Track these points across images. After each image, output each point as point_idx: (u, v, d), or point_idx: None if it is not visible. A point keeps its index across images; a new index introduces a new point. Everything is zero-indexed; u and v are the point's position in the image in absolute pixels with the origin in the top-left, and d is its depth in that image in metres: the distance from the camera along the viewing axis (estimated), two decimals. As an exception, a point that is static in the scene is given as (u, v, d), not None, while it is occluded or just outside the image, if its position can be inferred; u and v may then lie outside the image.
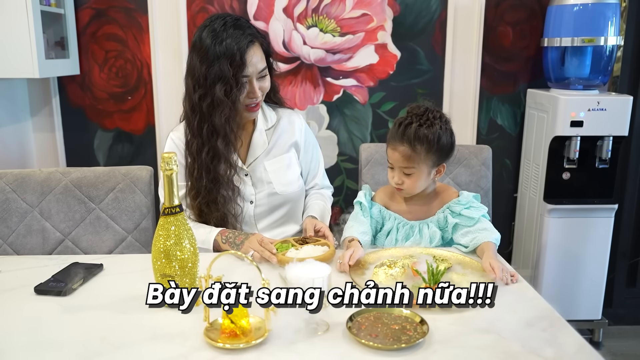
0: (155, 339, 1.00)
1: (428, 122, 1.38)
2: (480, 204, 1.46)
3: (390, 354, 0.94)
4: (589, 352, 0.95)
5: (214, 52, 1.41)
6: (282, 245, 1.41)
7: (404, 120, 1.40)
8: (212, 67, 1.41)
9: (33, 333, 1.03)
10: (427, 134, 1.36)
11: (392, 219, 1.50)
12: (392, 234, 1.49)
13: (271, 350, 0.95)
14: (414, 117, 1.39)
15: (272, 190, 1.59)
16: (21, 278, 1.28)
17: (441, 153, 1.40)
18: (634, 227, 2.52)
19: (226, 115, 1.44)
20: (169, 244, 1.09)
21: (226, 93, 1.42)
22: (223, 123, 1.44)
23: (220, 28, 1.43)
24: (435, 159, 1.40)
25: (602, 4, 2.09)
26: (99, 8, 2.28)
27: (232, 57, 1.41)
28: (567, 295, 2.26)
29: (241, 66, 1.42)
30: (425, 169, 1.40)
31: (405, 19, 2.31)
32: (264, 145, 1.60)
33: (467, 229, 1.41)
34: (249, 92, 1.48)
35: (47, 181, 1.63)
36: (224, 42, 1.41)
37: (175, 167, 1.08)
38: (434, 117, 1.39)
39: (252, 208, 1.59)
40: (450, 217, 1.44)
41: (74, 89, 2.36)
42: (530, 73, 2.40)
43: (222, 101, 1.42)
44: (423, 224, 1.48)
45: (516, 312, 1.09)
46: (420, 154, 1.38)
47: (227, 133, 1.46)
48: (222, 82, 1.41)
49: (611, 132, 2.11)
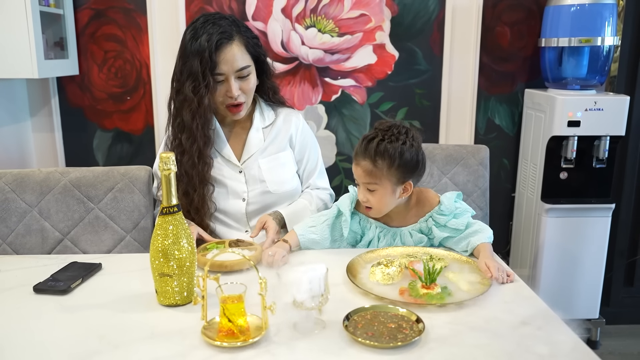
0: (154, 337, 1.00)
1: (392, 137, 1.33)
2: (463, 205, 1.42)
3: (386, 352, 0.94)
4: (583, 350, 0.96)
5: (189, 49, 1.44)
6: (215, 244, 1.42)
7: (368, 135, 1.37)
8: (185, 63, 1.45)
9: (32, 332, 1.04)
10: (388, 148, 1.32)
11: (373, 228, 1.45)
12: (374, 244, 1.45)
13: (268, 349, 0.96)
14: (379, 132, 1.35)
15: (265, 189, 1.59)
16: (20, 277, 1.28)
17: (405, 169, 1.34)
18: (631, 226, 2.53)
19: (193, 111, 1.46)
20: (167, 243, 1.09)
21: (194, 90, 1.44)
22: (189, 119, 1.47)
23: (200, 25, 1.45)
24: (399, 175, 1.34)
25: (599, 4, 2.10)
26: (98, 8, 2.29)
27: (201, 55, 1.42)
28: (565, 294, 2.26)
29: (210, 64, 1.43)
30: (389, 185, 1.35)
31: (403, 19, 2.31)
32: (259, 143, 1.60)
33: (458, 237, 1.39)
34: (226, 90, 1.48)
35: (46, 181, 1.63)
36: (199, 39, 1.43)
37: (173, 167, 1.09)
38: (399, 132, 1.34)
39: (244, 205, 1.59)
40: (436, 229, 1.40)
41: (73, 89, 2.37)
42: (528, 73, 2.41)
43: (189, 97, 1.44)
44: (404, 231, 1.44)
45: (512, 311, 1.09)
46: (382, 169, 1.33)
47: (193, 130, 1.48)
48: (191, 78, 1.44)
49: (608, 131, 2.12)
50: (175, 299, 1.12)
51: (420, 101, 2.40)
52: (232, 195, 1.58)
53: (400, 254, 1.35)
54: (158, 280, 1.12)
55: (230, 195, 1.58)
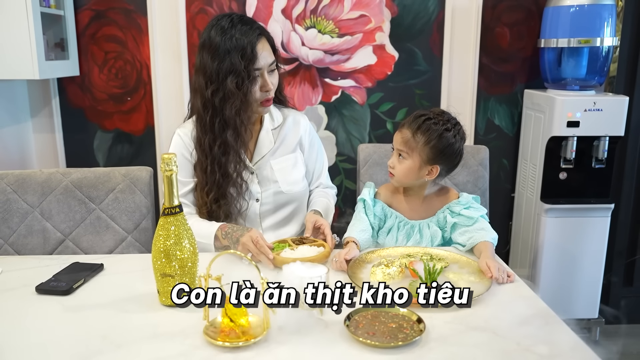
0: (156, 337, 1.01)
1: (440, 121, 1.42)
2: (479, 206, 1.48)
3: (387, 351, 0.95)
4: (583, 349, 0.96)
5: (225, 48, 1.45)
6: (279, 245, 1.42)
7: (420, 112, 1.45)
8: (223, 62, 1.46)
9: (34, 332, 1.04)
10: (432, 127, 1.41)
11: (394, 217, 1.51)
12: (393, 232, 1.50)
13: (270, 348, 0.96)
14: (431, 113, 1.45)
15: (277, 189, 1.62)
16: (22, 278, 1.29)
17: (438, 152, 1.41)
18: (630, 226, 2.53)
19: (237, 107, 1.48)
20: (168, 244, 1.10)
21: (237, 85, 1.46)
22: (234, 115, 1.48)
23: (228, 25, 1.48)
24: (430, 154, 1.41)
25: (599, 5, 2.10)
26: (98, 9, 2.29)
27: (243, 50, 1.45)
28: (564, 294, 2.27)
29: (252, 58, 1.46)
30: (418, 160, 1.42)
31: (403, 20, 2.32)
32: (270, 145, 1.63)
33: (465, 228, 1.43)
34: (262, 85, 1.51)
35: (47, 182, 1.64)
36: (234, 37, 1.45)
37: (175, 167, 1.09)
38: (448, 120, 1.43)
39: (258, 206, 1.61)
40: (449, 216, 1.46)
41: (74, 90, 2.38)
42: (527, 74, 2.42)
43: (233, 93, 1.46)
44: (424, 224, 1.49)
45: (512, 311, 1.10)
46: (418, 142, 1.41)
47: (237, 125, 1.50)
48: (234, 74, 1.45)
49: (607, 132, 2.12)
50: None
51: (420, 102, 2.41)
52: (248, 196, 1.60)
53: (400, 254, 1.36)
54: (160, 280, 1.12)
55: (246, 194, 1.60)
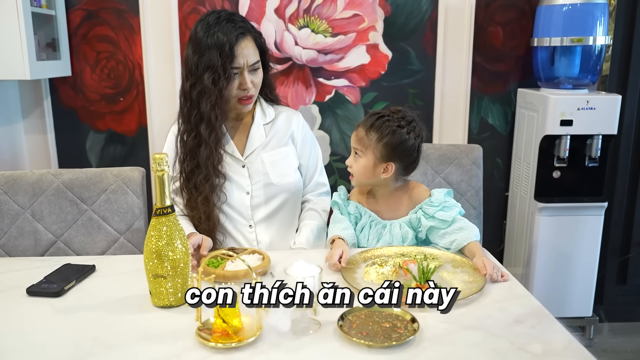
0: (148, 339, 1.00)
1: (393, 118, 1.43)
2: (452, 201, 1.46)
3: (381, 351, 0.94)
4: (577, 348, 0.96)
5: (205, 44, 1.50)
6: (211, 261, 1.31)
7: (376, 111, 1.48)
8: (203, 57, 1.50)
9: (25, 334, 1.03)
10: (383, 124, 1.42)
11: (367, 216, 1.52)
12: (365, 231, 1.51)
13: (263, 349, 0.96)
14: (387, 111, 1.46)
15: (268, 181, 1.63)
16: (13, 280, 1.28)
17: (390, 148, 1.41)
18: (623, 224, 2.54)
19: (212, 102, 1.51)
20: (160, 245, 1.09)
21: (214, 82, 1.50)
22: (208, 110, 1.52)
23: (214, 21, 1.52)
24: (384, 152, 1.42)
25: (591, 4, 2.11)
26: (90, 9, 2.28)
27: (221, 48, 1.49)
28: (559, 292, 2.28)
29: (230, 57, 1.50)
30: (372, 158, 1.43)
31: (396, 19, 2.32)
32: (261, 139, 1.65)
33: (443, 230, 1.41)
34: (240, 83, 1.55)
35: (38, 183, 1.63)
36: (215, 34, 1.50)
37: (166, 167, 1.08)
38: (402, 117, 1.44)
39: (249, 199, 1.63)
40: (423, 218, 1.44)
41: (66, 91, 2.36)
42: (521, 73, 2.42)
43: (209, 89, 1.50)
44: (395, 224, 1.48)
45: (505, 310, 1.10)
46: (372, 139, 1.42)
47: (212, 120, 1.53)
48: (211, 71, 1.50)
49: (600, 130, 2.13)
50: (170, 300, 1.12)
51: (414, 101, 2.41)
52: (237, 189, 1.62)
53: (394, 254, 1.36)
54: (152, 281, 1.12)
55: (235, 189, 1.62)
